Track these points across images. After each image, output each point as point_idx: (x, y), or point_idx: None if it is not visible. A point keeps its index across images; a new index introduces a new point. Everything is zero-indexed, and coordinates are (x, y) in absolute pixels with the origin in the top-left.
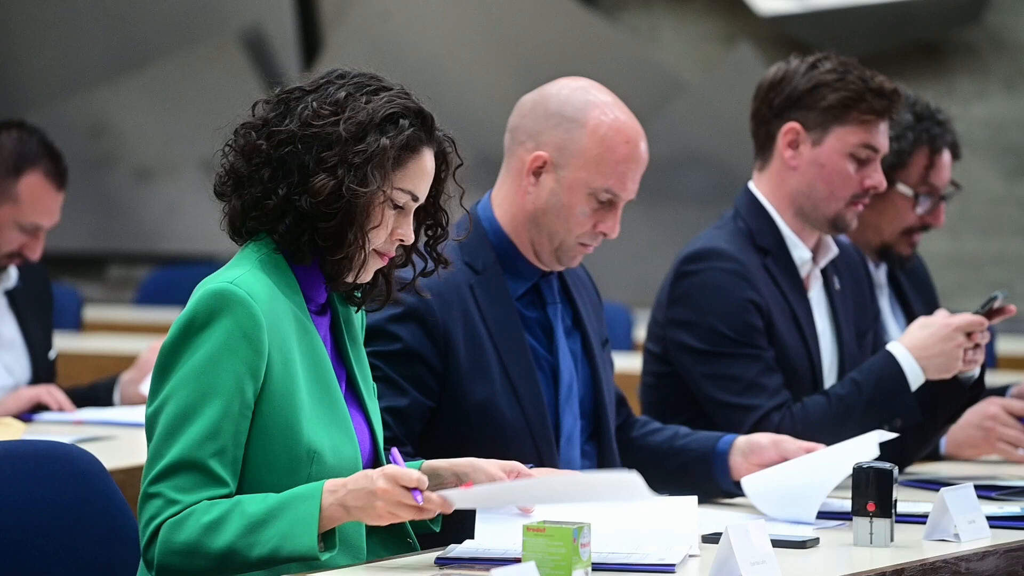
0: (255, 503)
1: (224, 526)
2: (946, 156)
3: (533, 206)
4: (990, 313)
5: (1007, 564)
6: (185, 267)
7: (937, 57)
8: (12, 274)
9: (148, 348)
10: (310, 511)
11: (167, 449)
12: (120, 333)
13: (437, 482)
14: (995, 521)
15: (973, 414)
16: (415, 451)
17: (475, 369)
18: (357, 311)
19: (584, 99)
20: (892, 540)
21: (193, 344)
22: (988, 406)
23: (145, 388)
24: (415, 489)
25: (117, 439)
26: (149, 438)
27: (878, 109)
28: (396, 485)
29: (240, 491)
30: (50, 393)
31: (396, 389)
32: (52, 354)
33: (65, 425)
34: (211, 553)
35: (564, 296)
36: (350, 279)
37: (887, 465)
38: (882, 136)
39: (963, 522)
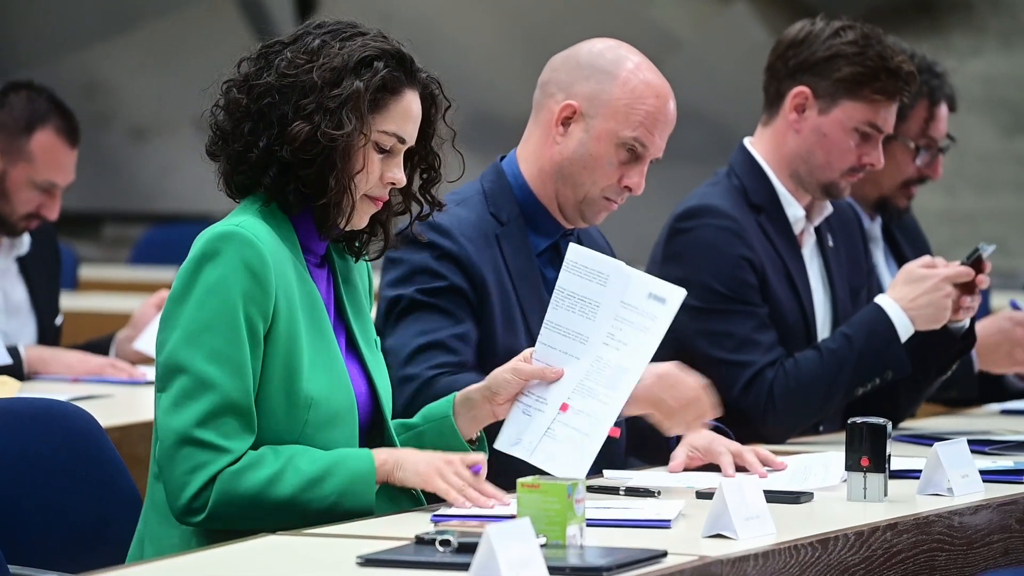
0: (305, 460)
1: (283, 479)
2: (944, 109)
3: (561, 156)
4: (977, 264)
5: (1000, 518)
6: (181, 226)
7: (933, 13)
8: (25, 240)
9: (143, 304)
10: (367, 468)
11: (203, 393)
12: (116, 292)
13: (471, 410)
14: (988, 475)
15: (999, 319)
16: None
17: (503, 318)
18: (356, 260)
19: (616, 55)
20: (886, 495)
21: (203, 285)
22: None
23: (140, 345)
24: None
25: (113, 397)
26: (163, 388)
27: (890, 90)
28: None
29: None
30: (114, 367)
31: (452, 318)
32: (59, 320)
33: (61, 383)
34: (272, 505)
35: None
36: (342, 225)
37: (881, 420)
38: (889, 117)
39: (956, 476)
